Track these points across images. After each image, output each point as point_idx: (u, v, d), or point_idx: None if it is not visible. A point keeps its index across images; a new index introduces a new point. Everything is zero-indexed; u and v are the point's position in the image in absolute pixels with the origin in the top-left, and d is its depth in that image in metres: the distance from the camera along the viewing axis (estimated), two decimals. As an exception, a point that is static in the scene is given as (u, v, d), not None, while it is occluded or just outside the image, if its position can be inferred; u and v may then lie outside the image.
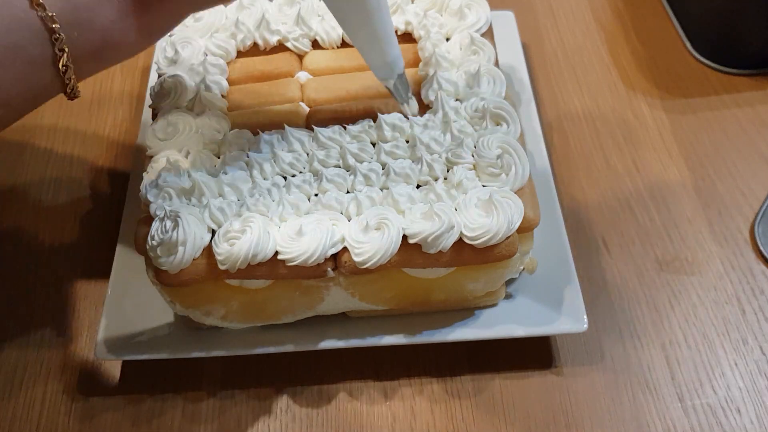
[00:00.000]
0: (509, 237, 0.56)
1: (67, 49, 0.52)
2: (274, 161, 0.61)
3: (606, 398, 0.62)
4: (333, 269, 0.57)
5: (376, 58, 0.60)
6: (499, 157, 0.59)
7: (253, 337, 0.62)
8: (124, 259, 0.67)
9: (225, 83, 0.68)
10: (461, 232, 0.56)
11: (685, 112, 0.81)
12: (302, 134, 0.63)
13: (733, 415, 0.61)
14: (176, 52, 0.70)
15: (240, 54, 0.71)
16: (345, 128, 0.63)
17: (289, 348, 0.62)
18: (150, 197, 0.59)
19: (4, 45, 0.50)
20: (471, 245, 0.56)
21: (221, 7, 0.74)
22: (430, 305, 0.62)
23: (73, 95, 0.55)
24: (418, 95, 0.66)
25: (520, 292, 0.64)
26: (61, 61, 0.52)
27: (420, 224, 0.55)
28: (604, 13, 0.92)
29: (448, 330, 0.62)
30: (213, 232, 0.57)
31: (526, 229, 0.58)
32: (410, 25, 0.71)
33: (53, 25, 0.50)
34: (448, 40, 0.70)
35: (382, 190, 0.59)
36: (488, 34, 0.71)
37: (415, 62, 0.69)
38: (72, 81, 0.54)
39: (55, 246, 0.73)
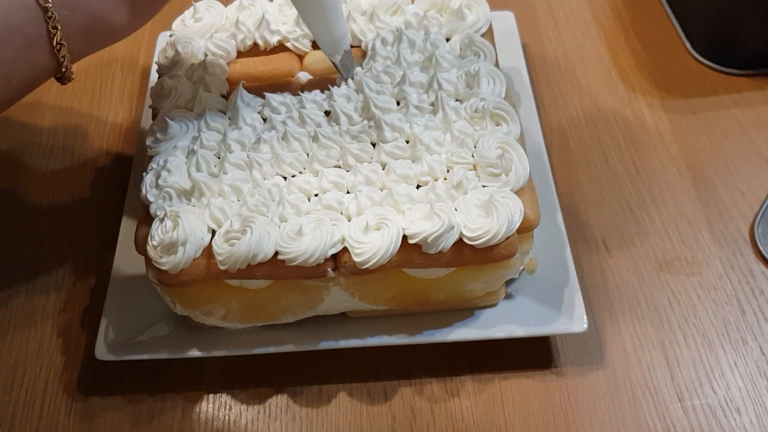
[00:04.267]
0: (509, 237, 0.56)
1: (60, 27, 0.54)
2: (274, 161, 0.61)
3: (606, 398, 0.62)
4: (333, 269, 0.57)
5: (324, 35, 0.64)
6: (499, 157, 0.59)
7: (253, 337, 0.62)
8: (124, 259, 0.67)
9: (225, 83, 0.68)
10: (461, 233, 0.56)
11: (685, 113, 0.81)
12: (302, 134, 0.63)
13: (732, 415, 0.61)
14: (176, 52, 0.70)
15: (240, 54, 0.71)
16: (344, 128, 0.63)
17: (289, 348, 0.62)
18: (150, 197, 0.59)
19: (3, 24, 0.52)
20: (471, 245, 0.56)
21: (221, 7, 0.74)
22: (430, 305, 0.62)
23: (67, 77, 0.57)
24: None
25: (520, 292, 0.64)
26: (55, 38, 0.54)
27: (420, 224, 0.55)
28: (604, 13, 0.92)
29: (448, 330, 0.62)
30: (213, 232, 0.57)
31: (526, 229, 0.58)
32: (410, 25, 0.71)
33: (46, 4, 0.53)
34: (448, 40, 0.70)
35: (382, 190, 0.59)
36: (488, 34, 0.71)
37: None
38: (66, 60, 0.56)
39: (55, 246, 0.73)
